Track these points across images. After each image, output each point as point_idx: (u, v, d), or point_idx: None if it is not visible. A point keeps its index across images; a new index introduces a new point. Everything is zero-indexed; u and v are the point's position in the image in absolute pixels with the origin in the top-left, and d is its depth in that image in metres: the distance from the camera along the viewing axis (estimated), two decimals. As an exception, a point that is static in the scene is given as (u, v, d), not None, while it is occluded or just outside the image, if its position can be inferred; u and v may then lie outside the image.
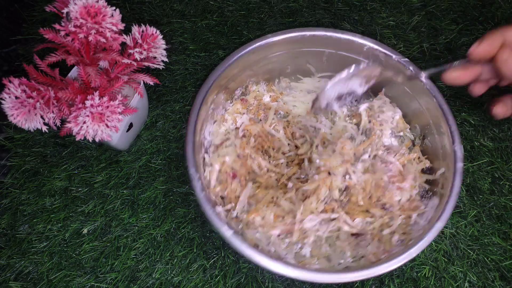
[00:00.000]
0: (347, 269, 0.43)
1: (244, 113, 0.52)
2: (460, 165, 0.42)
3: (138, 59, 0.42)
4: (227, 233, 0.39)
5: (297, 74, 0.54)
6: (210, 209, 0.40)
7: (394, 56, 0.47)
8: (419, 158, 0.49)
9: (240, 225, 0.45)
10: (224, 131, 0.51)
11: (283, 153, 0.50)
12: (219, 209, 0.45)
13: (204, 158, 0.48)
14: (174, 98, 0.56)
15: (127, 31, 0.41)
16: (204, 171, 0.47)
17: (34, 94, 0.38)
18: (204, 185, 0.42)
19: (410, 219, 0.45)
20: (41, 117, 0.39)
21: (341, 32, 0.48)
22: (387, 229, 0.44)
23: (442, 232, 0.48)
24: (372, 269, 0.38)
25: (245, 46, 0.48)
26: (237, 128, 0.51)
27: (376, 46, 0.48)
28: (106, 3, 0.39)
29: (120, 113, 0.40)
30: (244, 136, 0.50)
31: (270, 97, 0.53)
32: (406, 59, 0.47)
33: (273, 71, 0.53)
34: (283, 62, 0.52)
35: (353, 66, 0.45)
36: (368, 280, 0.46)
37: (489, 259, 0.47)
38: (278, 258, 0.43)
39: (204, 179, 0.46)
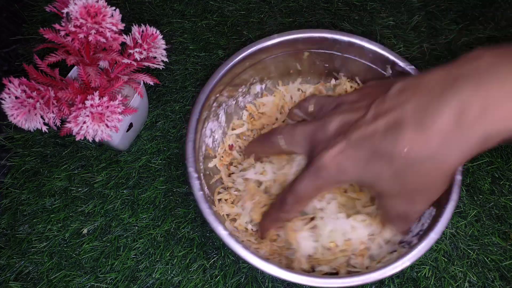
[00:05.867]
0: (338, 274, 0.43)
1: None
2: (458, 177, 0.40)
3: (138, 59, 0.42)
4: (222, 233, 0.39)
5: (308, 77, 0.53)
6: (206, 208, 0.40)
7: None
8: None
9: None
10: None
11: None
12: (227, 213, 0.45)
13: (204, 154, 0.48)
14: (174, 98, 0.56)
15: (127, 31, 0.41)
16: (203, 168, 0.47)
17: (34, 94, 0.38)
18: (202, 185, 0.42)
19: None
20: (41, 117, 0.39)
21: (344, 34, 0.48)
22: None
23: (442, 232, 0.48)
24: (364, 276, 0.38)
25: (251, 45, 0.47)
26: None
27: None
28: (106, 3, 0.39)
29: (120, 113, 0.40)
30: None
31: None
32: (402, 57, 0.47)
33: (279, 70, 0.52)
34: (290, 61, 0.51)
35: None
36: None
37: (489, 259, 0.47)
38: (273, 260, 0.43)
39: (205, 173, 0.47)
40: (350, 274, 0.40)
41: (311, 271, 0.42)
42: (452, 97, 0.29)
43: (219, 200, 0.47)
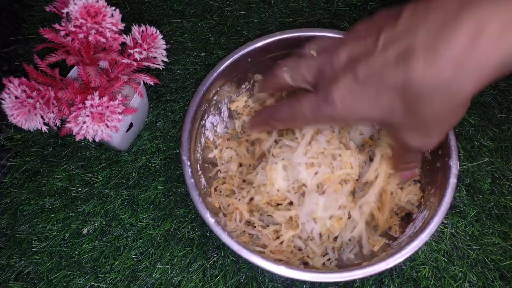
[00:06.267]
0: (335, 268, 0.43)
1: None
2: (453, 181, 0.40)
3: (138, 59, 0.42)
4: (209, 220, 0.40)
5: None
6: (196, 195, 0.41)
7: None
8: None
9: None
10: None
11: None
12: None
13: (204, 144, 0.49)
14: (174, 98, 0.56)
15: (127, 31, 0.42)
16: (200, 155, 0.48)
17: (34, 94, 0.38)
18: (194, 173, 0.43)
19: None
20: (41, 117, 0.39)
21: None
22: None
23: (442, 232, 0.48)
24: (353, 271, 0.38)
25: (252, 42, 0.47)
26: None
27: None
28: (106, 3, 0.39)
29: (120, 113, 0.40)
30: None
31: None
32: None
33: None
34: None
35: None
36: (368, 280, 0.46)
37: (489, 259, 0.47)
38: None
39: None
40: (340, 269, 0.40)
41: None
42: (468, 16, 0.26)
43: (215, 189, 0.48)
